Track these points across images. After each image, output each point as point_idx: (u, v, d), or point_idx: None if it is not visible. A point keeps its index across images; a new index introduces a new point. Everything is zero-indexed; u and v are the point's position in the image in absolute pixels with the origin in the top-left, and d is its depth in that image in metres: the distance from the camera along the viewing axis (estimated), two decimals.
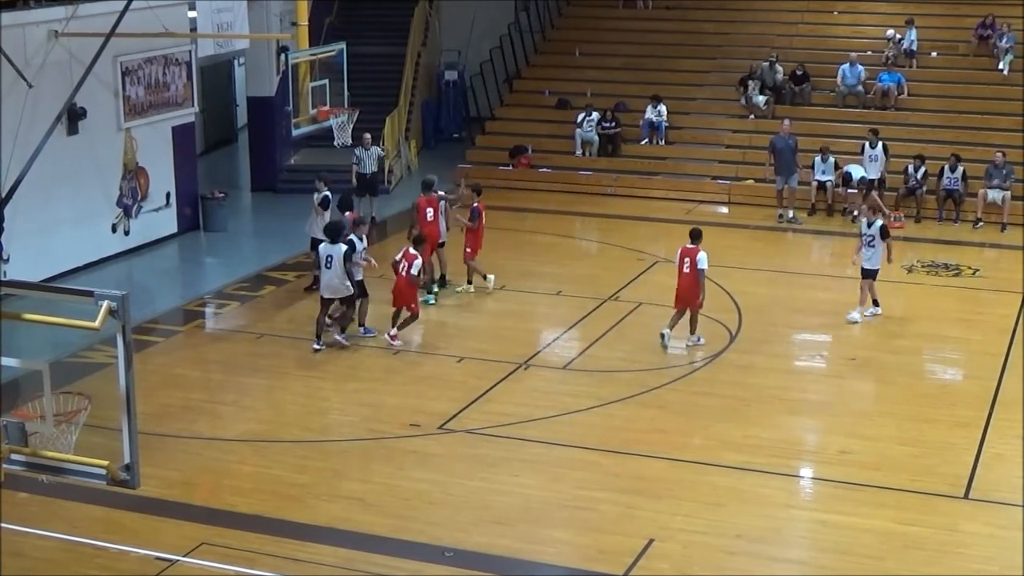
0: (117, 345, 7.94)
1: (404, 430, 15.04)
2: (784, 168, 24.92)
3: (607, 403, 15.86)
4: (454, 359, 17.53)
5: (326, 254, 17.65)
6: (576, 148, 28.55)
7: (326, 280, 17.74)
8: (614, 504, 13.17)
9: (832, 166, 25.47)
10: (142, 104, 22.97)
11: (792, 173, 24.97)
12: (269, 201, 27.28)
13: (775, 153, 25.12)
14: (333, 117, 21.86)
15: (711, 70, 30.14)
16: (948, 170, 25.02)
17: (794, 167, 24.99)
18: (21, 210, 19.28)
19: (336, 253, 17.58)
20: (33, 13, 20.11)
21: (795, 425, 15.51)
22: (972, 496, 13.36)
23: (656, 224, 24.23)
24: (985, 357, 17.63)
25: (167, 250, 23.60)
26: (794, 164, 24.98)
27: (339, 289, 17.71)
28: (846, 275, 20.08)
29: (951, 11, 30.30)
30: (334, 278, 17.63)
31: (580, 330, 18.83)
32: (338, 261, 17.54)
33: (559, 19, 33.12)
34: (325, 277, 17.74)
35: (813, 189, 25.61)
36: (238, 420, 15.54)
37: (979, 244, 23.79)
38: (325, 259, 17.65)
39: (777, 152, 25.07)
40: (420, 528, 12.61)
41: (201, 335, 19.34)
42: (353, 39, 25.40)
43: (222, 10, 22.65)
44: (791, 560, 12.23)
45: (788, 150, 24.93)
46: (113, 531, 12.49)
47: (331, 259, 17.59)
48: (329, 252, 17.63)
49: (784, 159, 24.92)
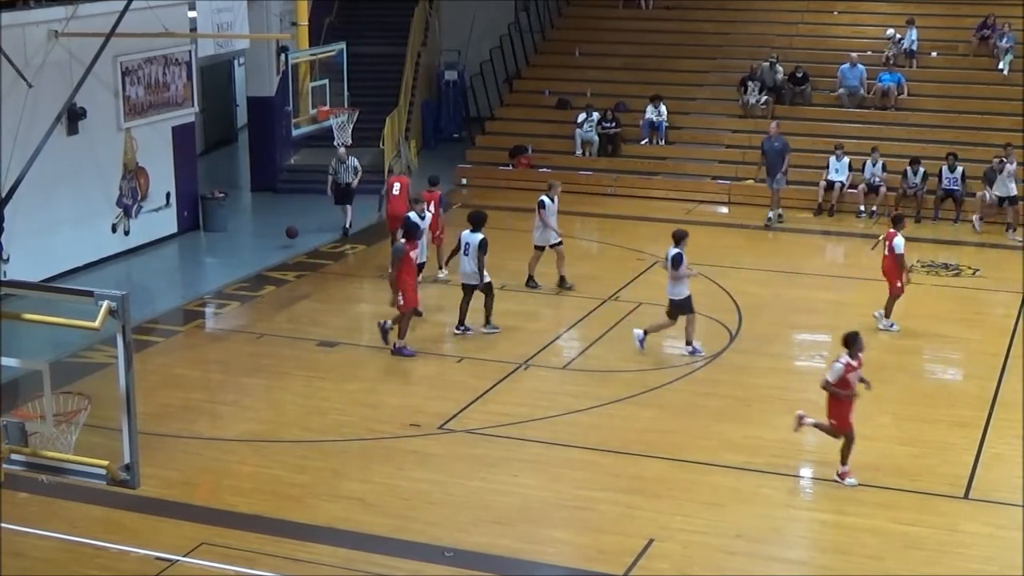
0: (117, 345, 7.95)
1: (404, 430, 15.04)
2: (772, 169, 24.90)
3: (607, 403, 15.86)
4: (454, 359, 17.54)
5: (464, 241, 18.21)
6: (576, 148, 28.56)
7: (461, 267, 18.31)
8: (614, 504, 13.17)
9: (847, 165, 25.47)
10: (142, 104, 22.98)
11: (777, 174, 24.92)
12: (269, 201, 27.28)
13: (764, 154, 25.11)
14: (333, 117, 21.89)
15: (711, 70, 30.14)
16: (947, 170, 25.04)
17: (780, 168, 24.92)
18: (21, 210, 19.29)
19: (472, 241, 18.06)
20: (33, 13, 20.11)
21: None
22: (972, 496, 13.36)
23: (656, 224, 24.22)
24: (985, 357, 17.64)
25: (167, 250, 23.61)
26: (780, 165, 24.90)
27: (471, 277, 18.16)
28: (846, 275, 20.11)
29: (951, 11, 30.31)
30: (468, 265, 18.11)
31: (580, 330, 18.84)
32: (474, 249, 17.97)
33: (559, 19, 33.12)
34: (461, 264, 18.30)
35: (821, 189, 25.60)
36: (238, 420, 15.54)
37: (979, 244, 23.79)
38: (464, 246, 18.18)
39: (765, 153, 25.06)
40: (420, 528, 12.62)
41: (201, 335, 19.34)
42: (353, 39, 25.42)
43: (222, 10, 22.65)
44: (791, 560, 12.24)
45: (774, 151, 24.88)
46: (113, 531, 12.50)
47: (468, 246, 18.12)
48: (467, 240, 18.15)
49: (770, 160, 24.89)
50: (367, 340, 18.30)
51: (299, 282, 21.29)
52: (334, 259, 22.80)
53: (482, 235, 18.13)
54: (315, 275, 21.79)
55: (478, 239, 18.08)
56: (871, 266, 21.48)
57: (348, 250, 23.21)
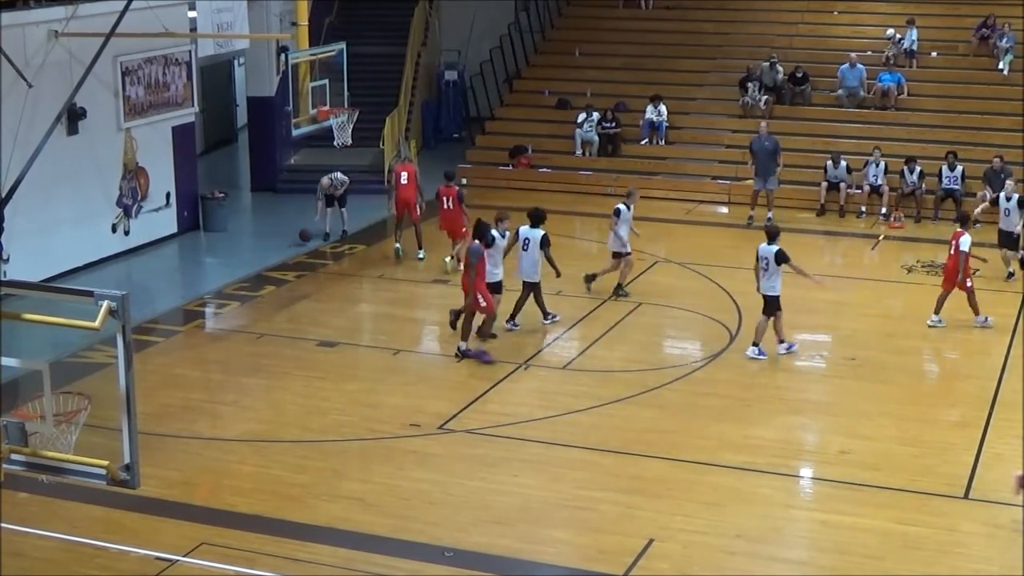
0: (117, 345, 7.94)
1: (404, 430, 15.04)
2: (762, 169, 24.87)
3: (607, 403, 15.86)
4: (454, 359, 17.53)
5: (524, 237, 18.32)
6: (576, 148, 28.55)
7: (521, 264, 18.44)
8: (614, 504, 13.17)
9: (845, 169, 25.46)
10: (142, 104, 22.97)
11: (770, 174, 24.89)
12: (269, 201, 27.27)
13: (753, 154, 25.10)
14: (333, 117, 21.87)
15: (711, 70, 30.13)
16: (947, 169, 25.03)
17: (772, 169, 24.90)
18: (21, 210, 19.28)
19: (534, 237, 18.24)
20: (33, 13, 20.11)
21: (795, 425, 15.51)
22: (971, 496, 13.36)
23: (656, 224, 24.20)
24: (985, 357, 17.64)
25: (167, 250, 23.59)
26: (773, 166, 24.88)
27: (531, 273, 18.35)
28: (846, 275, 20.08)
29: (951, 11, 30.28)
30: (527, 262, 18.29)
31: (580, 330, 18.83)
32: (535, 245, 18.17)
33: (559, 19, 33.11)
34: (521, 260, 18.42)
35: (823, 190, 25.60)
36: (238, 420, 15.54)
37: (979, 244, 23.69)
38: (524, 242, 18.29)
39: (754, 153, 25.05)
40: (420, 528, 12.61)
41: (201, 335, 19.34)
42: (353, 39, 25.40)
43: (222, 10, 22.64)
44: (791, 560, 12.23)
45: (765, 152, 24.85)
46: (113, 531, 12.49)
47: (528, 242, 18.27)
48: (527, 235, 18.30)
49: (761, 160, 24.87)
50: (367, 340, 18.29)
51: (299, 282, 21.28)
52: (334, 259, 22.80)
53: (543, 231, 18.33)
54: (315, 275, 21.79)
55: (539, 235, 18.29)
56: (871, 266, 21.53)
57: (348, 250, 23.20)
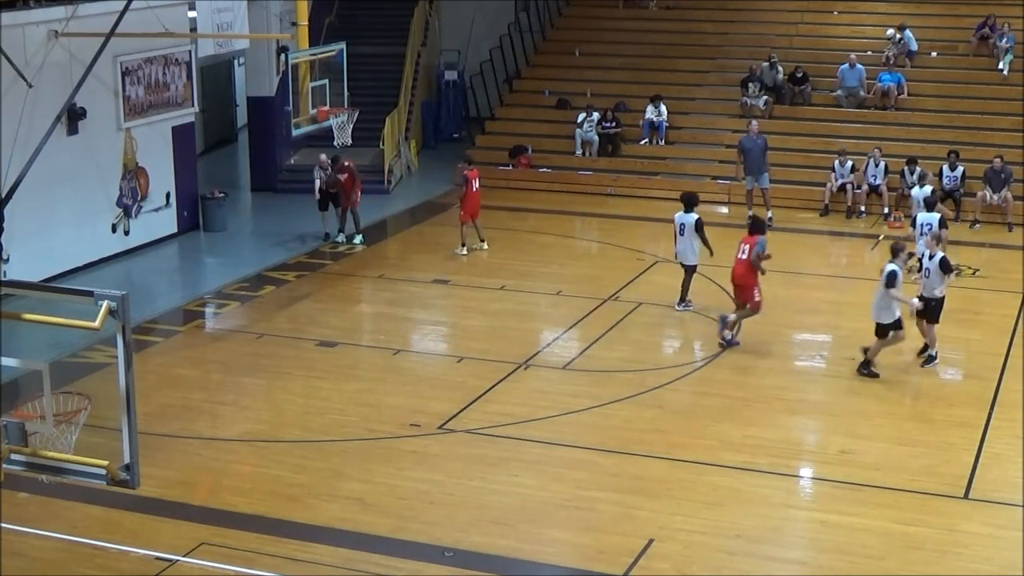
0: (117, 345, 7.94)
1: (404, 430, 15.04)
2: (753, 168, 24.90)
3: (607, 403, 15.85)
4: (454, 359, 17.53)
5: (679, 222, 19.03)
6: (576, 148, 28.56)
7: (678, 247, 19.23)
8: (614, 504, 13.17)
9: (850, 169, 25.47)
10: (142, 104, 22.98)
11: (762, 173, 24.91)
12: (269, 201, 27.27)
13: (744, 153, 25.12)
14: (333, 117, 21.86)
15: (711, 70, 30.14)
16: (948, 168, 25.03)
17: (764, 167, 24.92)
18: (21, 210, 19.26)
19: (688, 221, 18.91)
20: (33, 13, 20.11)
21: (795, 425, 15.51)
22: (971, 496, 13.35)
23: (656, 224, 24.19)
24: (985, 357, 17.64)
25: (167, 250, 23.60)
26: (764, 164, 24.91)
27: (688, 256, 19.06)
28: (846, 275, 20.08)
29: (951, 11, 30.31)
30: (683, 245, 19.04)
31: (580, 330, 18.83)
32: (690, 229, 18.86)
33: (559, 19, 33.12)
34: (678, 244, 19.20)
35: (828, 191, 25.60)
36: (237, 420, 15.54)
37: (979, 244, 23.77)
38: (679, 227, 19.02)
39: (745, 152, 25.07)
40: (419, 528, 12.61)
41: (201, 335, 19.34)
42: (353, 39, 25.39)
43: (222, 10, 22.64)
44: (791, 560, 12.23)
45: (756, 150, 24.89)
46: (113, 531, 12.49)
47: (683, 227, 18.96)
48: (682, 220, 19.00)
49: (753, 159, 24.90)
50: (367, 340, 18.29)
51: (299, 282, 21.28)
52: (334, 259, 22.79)
53: (696, 215, 18.92)
54: (315, 275, 21.79)
55: (693, 219, 18.89)
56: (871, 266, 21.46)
57: (347, 250, 23.20)
